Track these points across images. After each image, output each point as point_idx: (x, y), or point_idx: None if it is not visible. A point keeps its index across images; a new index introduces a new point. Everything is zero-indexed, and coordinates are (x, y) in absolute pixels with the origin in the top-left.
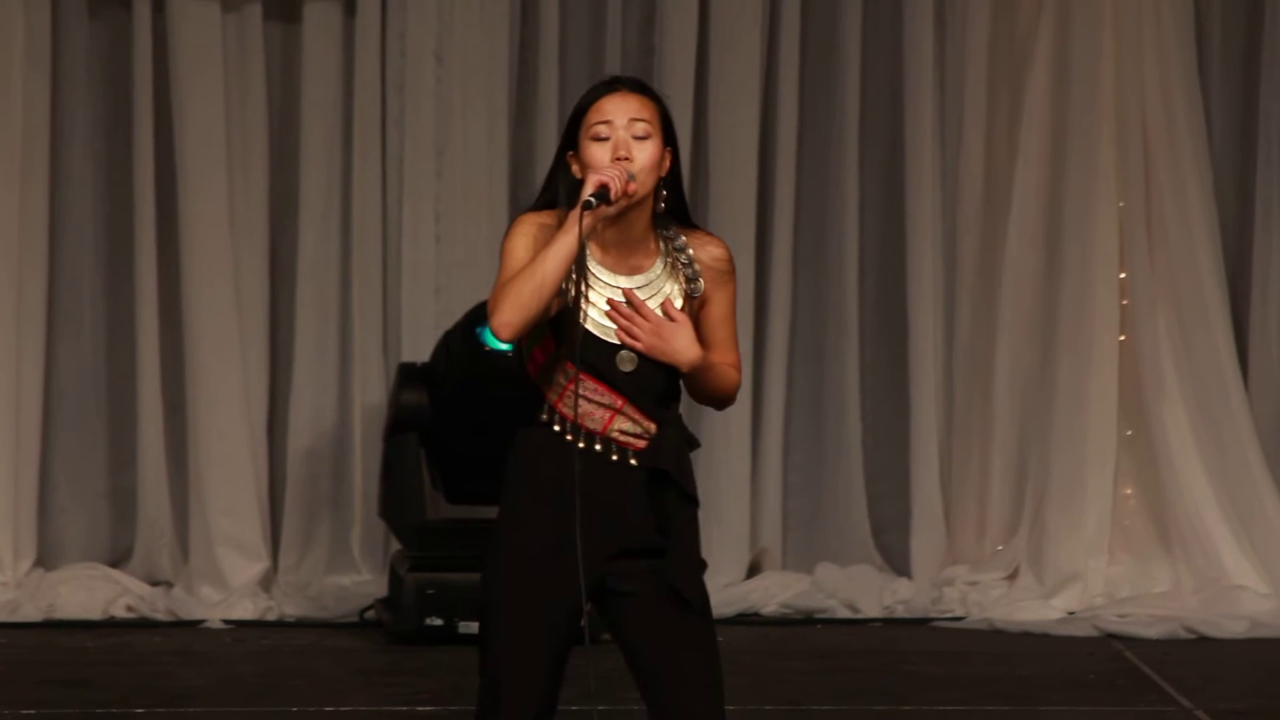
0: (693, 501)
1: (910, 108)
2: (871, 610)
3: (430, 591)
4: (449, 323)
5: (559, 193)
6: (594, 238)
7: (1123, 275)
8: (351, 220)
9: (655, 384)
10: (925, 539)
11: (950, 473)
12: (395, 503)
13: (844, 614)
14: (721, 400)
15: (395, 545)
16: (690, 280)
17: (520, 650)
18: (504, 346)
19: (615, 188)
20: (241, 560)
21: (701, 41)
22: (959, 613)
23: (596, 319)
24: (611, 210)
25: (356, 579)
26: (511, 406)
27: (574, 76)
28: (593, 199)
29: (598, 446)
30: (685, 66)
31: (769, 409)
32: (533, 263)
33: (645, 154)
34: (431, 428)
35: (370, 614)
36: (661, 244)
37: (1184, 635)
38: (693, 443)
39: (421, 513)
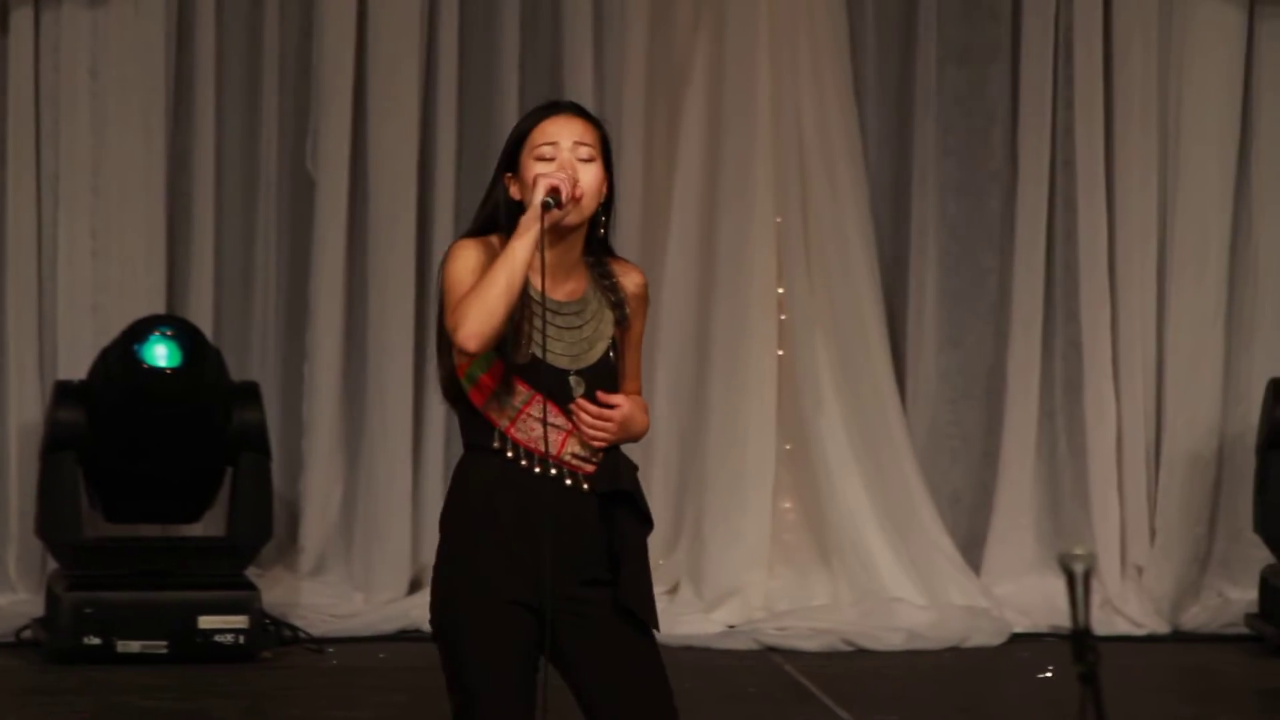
0: (648, 522)
1: None
2: None
3: (88, 610)
4: (106, 340)
5: (497, 216)
6: (530, 263)
7: (780, 290)
8: (6, 237)
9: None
10: None
11: None
12: (52, 521)
13: None
14: None
15: (52, 564)
16: (618, 308)
17: (495, 671)
18: (165, 365)
19: (565, 190)
20: None
21: (359, 58)
22: None
23: (545, 345)
24: (560, 215)
25: (13, 598)
26: (170, 424)
27: (231, 91)
28: (550, 200)
29: (553, 471)
30: (343, 83)
31: (430, 422)
32: (493, 270)
33: (590, 175)
34: (89, 446)
35: (27, 633)
36: (590, 269)
37: (843, 648)
38: (635, 465)
39: (79, 531)
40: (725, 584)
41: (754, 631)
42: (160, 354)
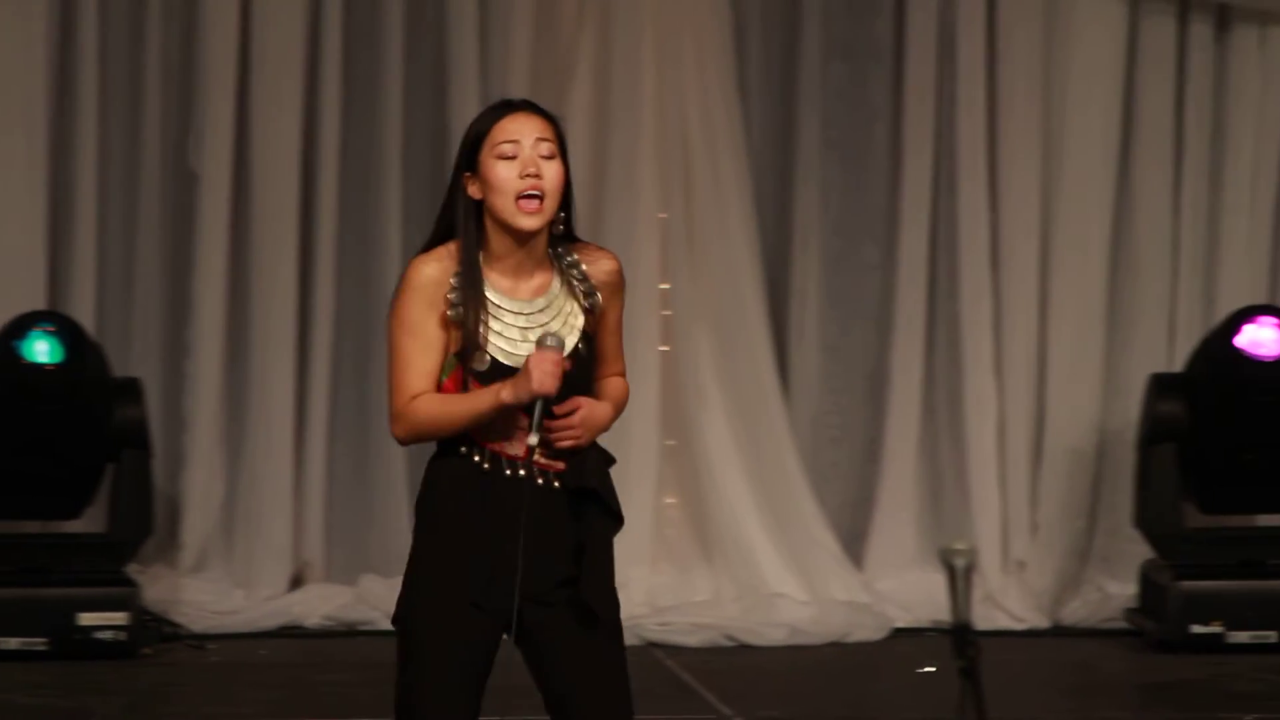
0: (617, 518)
1: (455, 116)
2: None
3: None
4: None
5: (456, 218)
6: (492, 264)
7: (664, 286)
8: None
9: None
10: None
11: None
12: None
13: (387, 626)
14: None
15: None
16: (588, 296)
17: (439, 669)
18: (45, 361)
19: (555, 389)
20: None
21: (242, 54)
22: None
23: (506, 349)
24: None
25: None
26: (50, 420)
27: (114, 87)
28: (535, 442)
29: (521, 472)
30: (226, 79)
31: (313, 419)
32: (453, 405)
33: (553, 173)
34: None
35: None
36: (555, 262)
37: (724, 643)
38: (610, 459)
39: None
40: None
41: (636, 627)
42: (41, 350)
